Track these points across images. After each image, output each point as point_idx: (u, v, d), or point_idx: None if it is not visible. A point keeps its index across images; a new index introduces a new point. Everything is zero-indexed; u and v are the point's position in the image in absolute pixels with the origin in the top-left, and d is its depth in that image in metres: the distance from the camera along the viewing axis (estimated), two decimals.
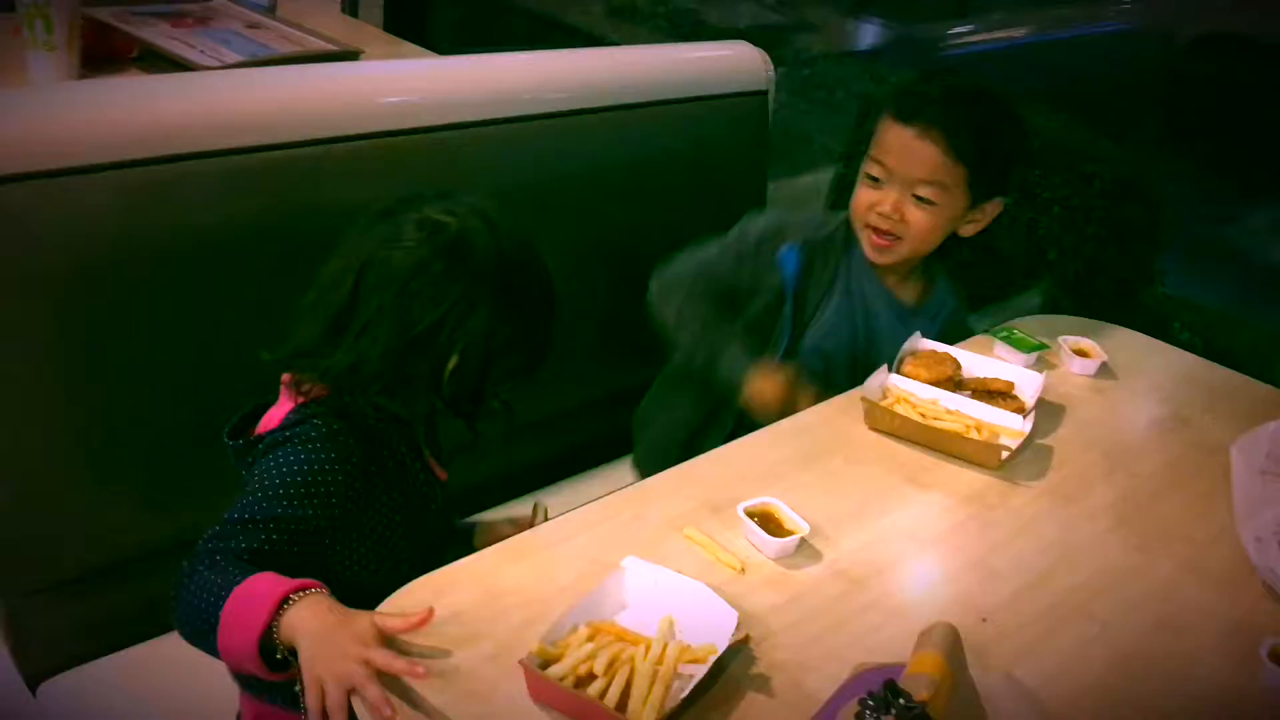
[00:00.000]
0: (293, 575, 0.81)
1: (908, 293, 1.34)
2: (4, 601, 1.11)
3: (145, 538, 1.13)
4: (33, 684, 1.11)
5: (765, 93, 1.61)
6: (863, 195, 1.26)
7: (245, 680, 0.98)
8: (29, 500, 1.07)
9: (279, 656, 0.78)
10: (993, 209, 1.27)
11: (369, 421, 0.90)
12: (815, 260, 1.30)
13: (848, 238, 1.31)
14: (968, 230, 1.28)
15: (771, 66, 1.61)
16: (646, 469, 1.44)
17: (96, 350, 1.06)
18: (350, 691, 0.74)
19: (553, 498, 1.11)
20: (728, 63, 1.60)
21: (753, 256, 1.31)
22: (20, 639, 1.13)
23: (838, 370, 1.30)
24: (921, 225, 1.23)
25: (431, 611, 0.78)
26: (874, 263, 1.29)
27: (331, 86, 1.24)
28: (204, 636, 0.81)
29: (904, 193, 1.23)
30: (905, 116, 1.21)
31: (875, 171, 1.24)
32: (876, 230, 1.25)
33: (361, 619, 0.78)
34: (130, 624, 1.14)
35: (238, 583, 0.79)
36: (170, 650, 0.90)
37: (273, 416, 0.94)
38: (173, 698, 1.08)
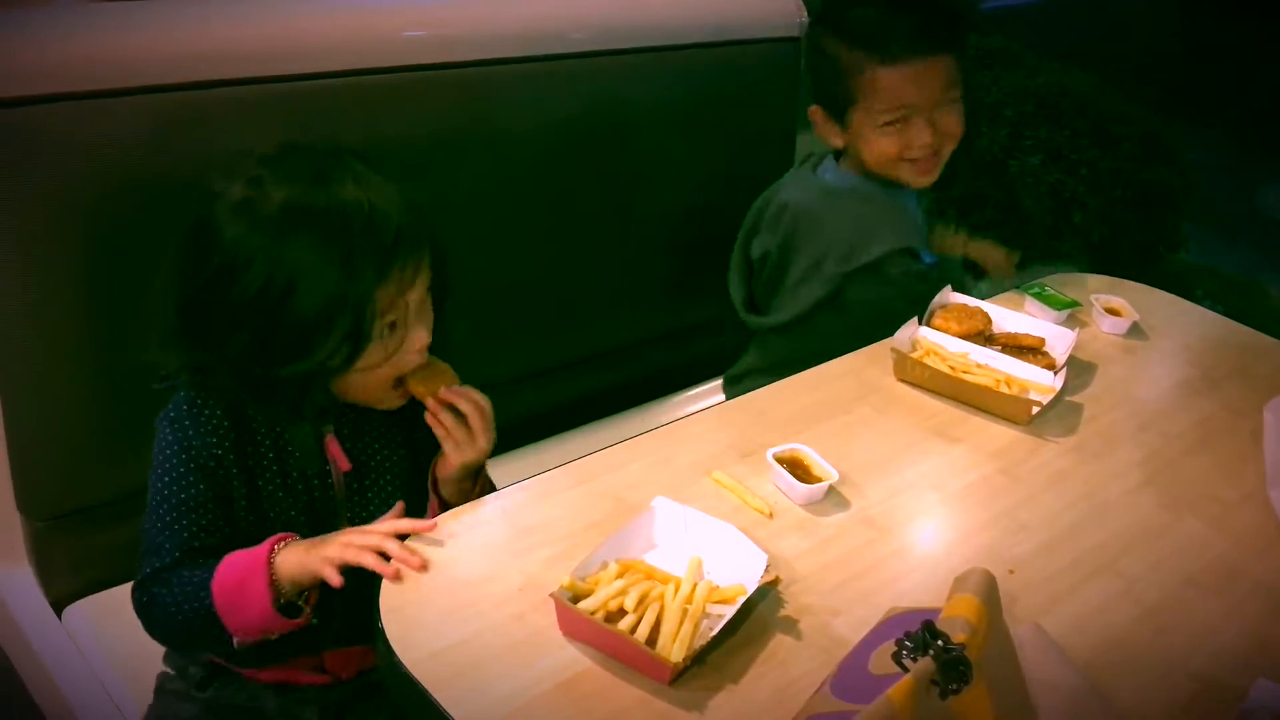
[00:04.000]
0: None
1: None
2: (30, 528, 1.12)
3: None
4: (58, 607, 1.13)
5: (798, 39, 1.57)
6: (888, 144, 1.24)
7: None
8: (51, 427, 1.07)
9: (299, 601, 0.84)
10: None
11: (235, 395, 0.88)
12: None
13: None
14: None
15: (805, 12, 1.57)
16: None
17: (120, 275, 1.05)
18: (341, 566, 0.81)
19: (582, 439, 1.11)
20: (760, 7, 1.56)
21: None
22: (46, 565, 1.14)
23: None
24: (957, 123, 1.25)
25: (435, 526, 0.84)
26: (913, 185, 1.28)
27: (359, 18, 1.22)
28: (197, 638, 0.87)
29: (931, 114, 1.22)
30: (903, 55, 1.19)
31: (894, 116, 1.22)
32: (918, 160, 1.25)
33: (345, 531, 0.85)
34: None
35: (209, 579, 0.83)
36: None
37: None
38: None
